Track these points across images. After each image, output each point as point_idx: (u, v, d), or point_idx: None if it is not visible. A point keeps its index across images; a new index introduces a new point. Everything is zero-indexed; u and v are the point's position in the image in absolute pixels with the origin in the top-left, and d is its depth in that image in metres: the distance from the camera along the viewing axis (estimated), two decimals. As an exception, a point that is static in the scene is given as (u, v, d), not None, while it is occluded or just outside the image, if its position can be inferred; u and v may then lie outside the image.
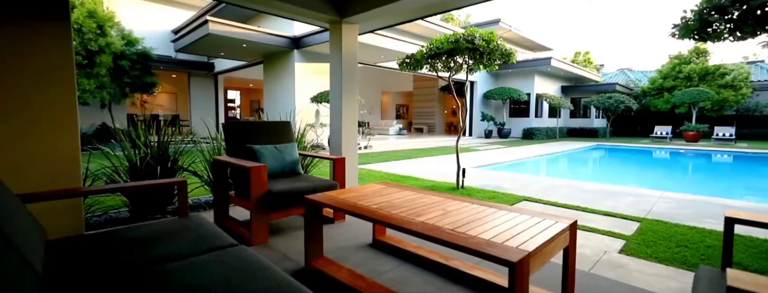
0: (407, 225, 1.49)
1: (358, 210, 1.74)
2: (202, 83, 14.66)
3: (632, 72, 23.39)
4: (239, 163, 2.54)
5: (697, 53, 17.14)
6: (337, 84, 3.99)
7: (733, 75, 15.93)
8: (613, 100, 15.95)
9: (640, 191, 4.56)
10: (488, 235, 1.36)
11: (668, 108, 16.95)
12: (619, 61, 55.99)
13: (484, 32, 4.21)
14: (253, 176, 2.40)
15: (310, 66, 10.24)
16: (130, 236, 1.58)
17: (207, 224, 1.75)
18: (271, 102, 11.01)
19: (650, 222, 3.25)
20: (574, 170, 8.78)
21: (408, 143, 12.13)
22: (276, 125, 3.25)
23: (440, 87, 18.88)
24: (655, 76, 18.32)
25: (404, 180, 5.38)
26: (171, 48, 11.87)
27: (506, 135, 15.85)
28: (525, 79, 16.27)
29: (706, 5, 2.74)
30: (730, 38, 3.02)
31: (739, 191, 6.17)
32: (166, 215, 3.12)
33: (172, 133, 3.48)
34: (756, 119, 17.00)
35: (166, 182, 1.89)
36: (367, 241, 2.56)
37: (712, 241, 2.75)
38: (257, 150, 2.86)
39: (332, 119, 4.07)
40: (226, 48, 9.98)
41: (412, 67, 5.00)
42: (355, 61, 4.07)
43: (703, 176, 8.18)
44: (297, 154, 3.15)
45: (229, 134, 2.98)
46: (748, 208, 3.77)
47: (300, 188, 2.64)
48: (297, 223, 3.00)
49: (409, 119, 22.40)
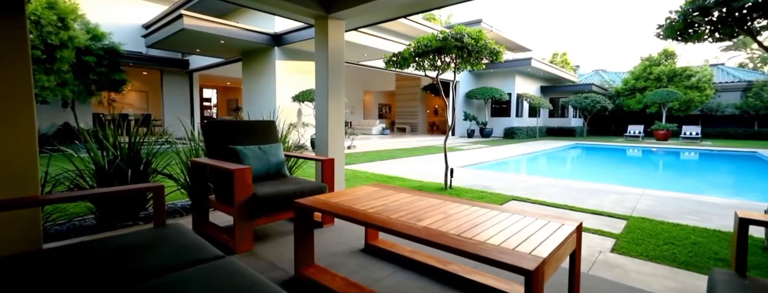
0: (409, 231, 1.39)
1: (354, 215, 1.62)
2: (176, 80, 14.04)
3: (606, 73, 24.31)
4: (221, 165, 2.36)
5: (665, 55, 17.99)
6: (322, 82, 3.84)
7: (698, 77, 16.82)
8: (589, 100, 16.49)
9: (623, 189, 4.67)
10: (496, 240, 1.28)
11: (640, 108, 17.70)
12: (594, 63, 58.23)
13: (472, 31, 4.17)
14: (236, 180, 2.23)
15: (292, 64, 9.97)
16: (99, 249, 1.40)
17: (187, 233, 1.59)
18: (251, 101, 10.66)
19: (636, 219, 3.30)
20: (557, 169, 8.97)
21: (391, 142, 12.06)
22: (260, 125, 3.08)
23: (423, 87, 18.93)
24: (628, 77, 19.09)
25: (391, 181, 5.29)
26: (142, 44, 11.27)
27: (488, 135, 16.07)
28: (506, 79, 16.56)
29: (690, 6, 2.79)
30: (710, 39, 3.10)
31: (711, 188, 6.46)
32: (138, 222, 2.89)
33: (144, 133, 3.24)
34: (718, 118, 18.04)
35: (140, 188, 1.71)
36: (358, 246, 2.45)
37: (696, 238, 2.81)
38: (240, 151, 2.69)
39: (318, 119, 3.92)
40: (203, 44, 9.56)
41: (399, 65, 4.91)
42: (341, 59, 3.93)
43: (677, 174, 8.55)
44: (282, 155, 3.00)
45: (209, 134, 2.79)
46: (721, 204, 3.91)
47: (287, 191, 2.50)
48: (283, 228, 2.84)
49: (391, 119, 22.36)
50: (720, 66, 21.58)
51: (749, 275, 1.09)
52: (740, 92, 18.07)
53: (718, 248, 2.59)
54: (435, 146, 11.62)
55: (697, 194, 4.41)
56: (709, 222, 3.25)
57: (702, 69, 17.25)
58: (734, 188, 6.55)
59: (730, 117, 17.81)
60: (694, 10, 2.78)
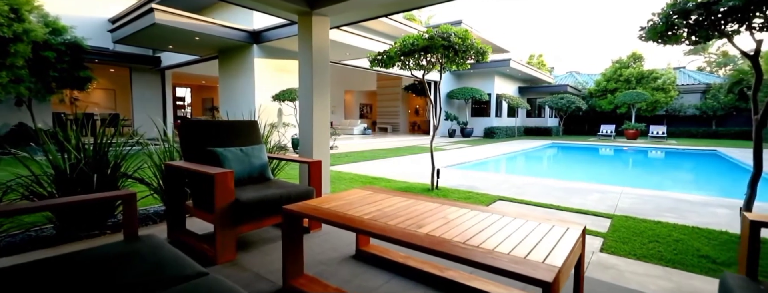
0: (411, 240, 1.30)
1: (350, 223, 1.51)
2: (147, 78, 13.33)
3: (580, 75, 25.25)
4: (200, 169, 2.19)
5: (634, 58, 18.87)
6: (307, 81, 3.70)
7: (663, 79, 17.75)
8: (565, 101, 17.03)
9: (603, 188, 4.78)
10: (505, 248, 1.21)
11: (611, 109, 18.49)
12: (568, 65, 60.62)
13: (458, 30, 4.14)
14: (217, 185, 2.07)
15: (272, 62, 9.67)
16: (60, 267, 1.22)
17: (163, 246, 1.43)
18: (228, 100, 10.26)
19: (620, 218, 3.36)
20: (538, 168, 9.17)
21: (374, 142, 11.96)
22: (241, 125, 2.90)
23: (404, 87, 18.94)
24: (600, 78, 19.90)
25: (376, 182, 5.19)
26: (108, 39, 10.60)
27: (469, 134, 16.27)
28: (485, 79, 16.83)
29: (672, 8, 2.86)
30: (686, 42, 3.19)
31: (682, 185, 6.77)
32: (105, 231, 2.65)
33: (112, 134, 2.99)
34: (681, 118, 19.12)
35: (107, 197, 1.53)
36: (349, 252, 2.34)
37: (678, 235, 2.88)
38: (220, 154, 2.51)
39: (302, 119, 3.77)
40: (176, 41, 9.10)
41: (384, 64, 4.82)
42: (326, 57, 3.80)
43: (650, 172, 8.93)
44: (266, 157, 2.84)
45: (186, 135, 2.59)
46: (695, 201, 4.07)
47: (272, 196, 2.35)
48: (268, 235, 2.69)
49: (373, 119, 22.26)
50: (681, 69, 22.89)
51: (762, 279, 1.07)
52: (700, 93, 19.23)
53: (699, 245, 2.66)
54: (418, 146, 11.62)
55: (673, 192, 4.58)
56: (686, 219, 3.36)
57: (666, 72, 18.23)
58: (702, 185, 6.90)
59: (691, 117, 18.91)
60: (675, 12, 2.84)
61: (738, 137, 16.80)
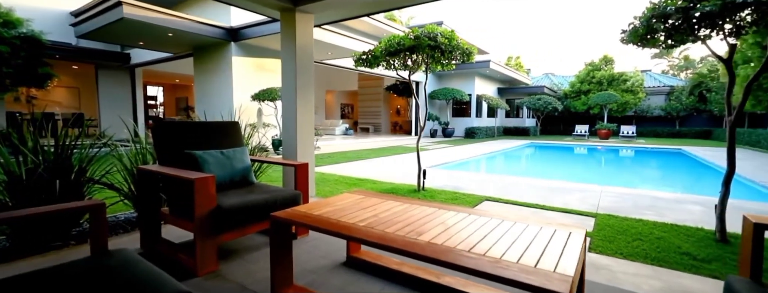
0: (412, 249, 1.23)
1: (345, 231, 1.42)
2: (115, 76, 12.60)
3: (555, 76, 26.10)
4: (178, 174, 2.03)
5: (605, 61, 19.68)
6: (290, 80, 3.56)
7: (632, 81, 18.62)
8: (542, 101, 17.52)
9: (583, 187, 4.90)
10: (512, 256, 1.16)
11: (585, 109, 19.21)
12: (544, 66, 62.76)
13: (444, 30, 4.12)
14: (198, 190, 1.92)
15: (251, 61, 9.36)
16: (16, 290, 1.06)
17: (137, 262, 1.29)
18: (205, 100, 9.85)
19: (603, 216, 3.43)
20: (519, 168, 9.35)
21: (356, 143, 11.84)
22: (221, 127, 2.74)
23: (386, 87, 18.91)
24: (574, 80, 20.63)
25: (362, 183, 5.10)
26: (71, 33, 9.93)
27: (450, 134, 16.44)
28: (466, 80, 17.06)
29: (652, 12, 2.93)
30: (663, 45, 3.29)
31: (654, 183, 7.08)
32: (69, 242, 2.42)
33: (77, 135, 2.75)
34: (649, 119, 20.13)
35: (72, 208, 1.36)
36: (339, 259, 2.24)
37: (659, 232, 2.96)
38: (200, 157, 2.35)
39: (285, 120, 3.63)
40: (147, 37, 8.63)
41: (369, 64, 4.73)
42: (310, 56, 3.68)
43: (624, 170, 9.29)
44: (249, 160, 2.69)
45: (161, 137, 2.41)
46: (670, 199, 4.24)
47: (257, 201, 2.22)
48: (252, 242, 2.54)
49: (354, 119, 22.10)
50: (648, 72, 24.11)
51: (766, 282, 1.08)
52: (665, 95, 20.31)
53: (679, 242, 2.74)
54: (401, 146, 11.61)
55: (649, 190, 4.76)
56: (664, 216, 3.48)
57: (635, 74, 19.14)
58: (673, 182, 7.24)
59: (657, 118, 19.94)
60: (655, 16, 2.92)
61: (699, 137, 17.85)
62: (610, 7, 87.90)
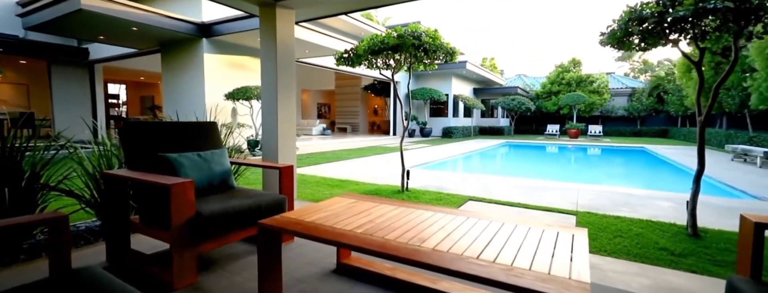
0: (419, 258, 1.16)
1: (343, 239, 1.34)
2: (71, 73, 11.66)
3: (527, 77, 27.01)
4: (151, 179, 1.85)
5: (574, 64, 20.58)
6: (270, 79, 3.39)
7: (598, 83, 19.60)
8: (516, 101, 18.05)
9: (561, 185, 5.04)
10: (523, 262, 1.12)
11: (555, 109, 20.00)
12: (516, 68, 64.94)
13: (428, 30, 4.09)
14: (175, 197, 1.76)
15: (224, 58, 8.96)
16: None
17: (108, 281, 1.14)
18: (174, 99, 9.33)
19: (584, 214, 3.53)
20: (499, 167, 9.54)
21: (334, 143, 11.66)
22: (198, 127, 2.55)
23: (364, 86, 18.79)
24: (545, 81, 21.43)
25: (344, 185, 4.99)
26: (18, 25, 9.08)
27: (428, 134, 16.58)
28: (443, 80, 17.27)
29: (630, 16, 3.04)
30: (637, 48, 3.42)
31: (623, 179, 7.43)
32: (18, 258, 2.16)
33: (28, 137, 2.47)
34: (613, 118, 21.27)
35: (27, 222, 1.19)
36: (328, 266, 2.14)
37: (637, 229, 3.08)
38: (175, 160, 2.17)
39: (265, 120, 3.46)
40: (108, 31, 8.04)
41: (351, 62, 4.64)
42: (292, 53, 3.53)
43: (595, 167, 9.70)
44: (228, 163, 2.52)
45: (131, 138, 2.20)
46: (642, 195, 4.44)
47: (240, 207, 2.07)
48: (233, 250, 2.39)
49: (331, 119, 21.82)
50: (612, 74, 25.47)
51: (765, 280, 1.10)
52: (627, 96, 21.54)
53: (656, 238, 2.85)
54: (380, 146, 11.55)
55: (622, 187, 4.96)
56: (639, 212, 3.62)
57: (600, 76, 20.15)
58: (641, 179, 7.63)
59: (621, 117, 21.10)
60: (632, 19, 3.03)
61: (657, 135, 19.06)
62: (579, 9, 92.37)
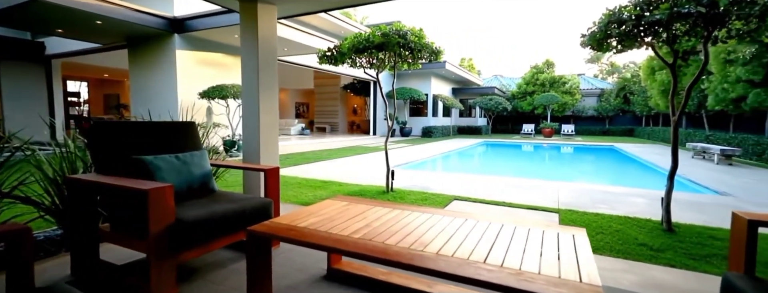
0: (425, 264, 1.11)
1: (341, 246, 1.27)
2: (24, 69, 10.75)
3: (503, 78, 27.73)
4: (125, 184, 1.70)
5: (547, 65, 21.32)
6: (251, 77, 3.25)
7: (570, 84, 20.40)
8: (493, 101, 18.46)
9: (541, 183, 5.17)
10: (531, 265, 1.10)
11: (530, 109, 20.64)
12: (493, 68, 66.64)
13: (413, 29, 4.07)
14: (153, 203, 1.62)
15: (198, 55, 8.57)
16: None
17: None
18: (143, 98, 8.82)
19: (566, 212, 3.62)
20: (479, 166, 9.69)
21: (314, 143, 11.46)
22: (175, 128, 2.39)
23: (343, 86, 18.61)
24: (521, 82, 22.06)
25: (327, 186, 4.88)
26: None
27: (408, 134, 16.64)
28: (423, 80, 17.38)
29: (609, 18, 3.13)
30: (614, 50, 3.55)
31: (599, 177, 7.74)
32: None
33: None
34: (584, 118, 22.21)
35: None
36: (318, 272, 2.06)
37: (616, 225, 3.18)
38: (150, 163, 2.01)
39: (246, 120, 3.31)
40: (67, 24, 7.48)
41: (334, 60, 4.54)
42: (274, 50, 3.40)
43: (570, 165, 10.06)
44: (209, 165, 2.38)
45: (101, 140, 2.02)
46: (618, 192, 4.62)
47: (223, 212, 1.95)
48: (215, 258, 2.25)
49: (310, 118, 21.47)
50: (582, 75, 26.61)
51: (760, 275, 1.14)
52: (597, 97, 22.56)
53: (635, 234, 2.96)
54: (361, 146, 11.46)
55: (599, 185, 5.15)
56: (616, 209, 3.76)
57: (572, 77, 20.99)
58: (613, 176, 7.98)
59: (591, 117, 22.08)
60: (612, 21, 3.13)
61: (624, 134, 20.08)
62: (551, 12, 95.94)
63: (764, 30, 2.86)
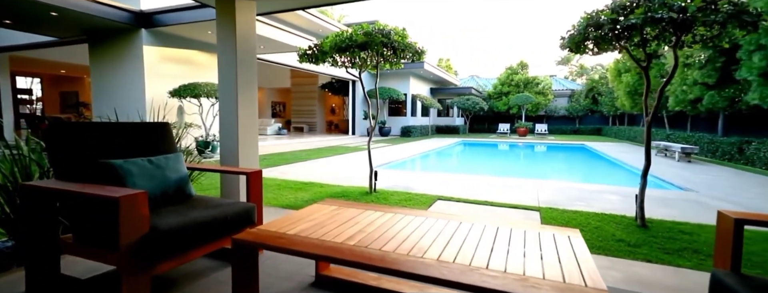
0: (427, 272, 1.07)
1: (337, 255, 1.20)
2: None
3: (480, 78, 28.35)
4: (93, 192, 1.55)
5: (521, 66, 21.98)
6: (229, 76, 3.10)
7: (543, 85, 21.15)
8: (471, 101, 18.81)
9: (520, 182, 5.28)
10: (533, 270, 1.08)
11: (506, 109, 21.21)
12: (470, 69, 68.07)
13: (396, 28, 4.03)
14: (124, 211, 1.48)
15: (168, 52, 8.13)
16: None
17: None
18: (105, 96, 8.27)
19: (546, 210, 3.70)
20: (459, 165, 9.81)
21: (291, 143, 11.20)
22: (147, 129, 2.22)
23: (321, 85, 18.35)
24: (496, 82, 22.62)
25: (308, 188, 4.76)
26: None
27: (387, 133, 16.63)
28: (401, 80, 17.43)
29: (587, 21, 3.23)
30: (590, 53, 3.67)
31: (573, 174, 8.04)
32: None
33: None
34: (556, 118, 23.11)
35: None
36: (306, 279, 1.97)
37: (595, 222, 3.29)
38: (120, 167, 1.85)
39: (224, 121, 3.15)
40: (18, 15, 6.87)
41: (315, 59, 4.43)
42: (253, 47, 3.25)
43: (545, 164, 10.39)
44: (185, 169, 2.23)
45: (61, 142, 1.84)
46: (593, 190, 4.80)
47: (203, 219, 1.82)
48: (194, 268, 2.11)
49: (287, 118, 21.01)
50: (554, 76, 27.67)
51: (744, 272, 1.18)
52: (567, 97, 23.53)
53: (612, 230, 3.06)
54: (340, 146, 11.32)
55: (574, 182, 5.33)
56: (592, 206, 3.89)
57: (544, 78, 21.78)
58: (586, 173, 8.32)
59: (562, 117, 23.00)
60: (590, 25, 3.22)
61: (593, 133, 21.07)
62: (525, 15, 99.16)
63: (725, 36, 3.04)
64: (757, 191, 5.01)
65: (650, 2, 2.91)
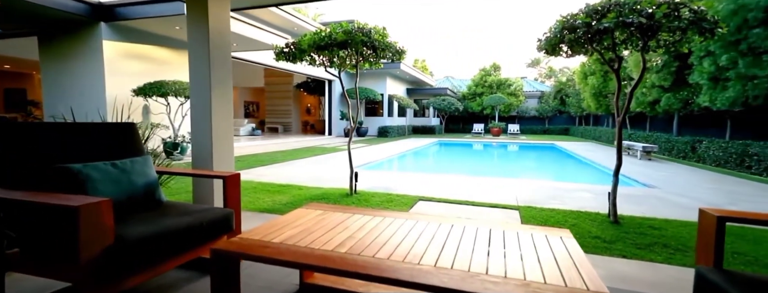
0: (428, 281, 1.03)
1: (329, 264, 1.13)
2: None
3: (454, 79, 28.87)
4: (47, 201, 1.37)
5: (494, 68, 22.60)
6: (202, 75, 2.92)
7: (514, 86, 21.85)
8: (446, 102, 19.09)
9: (498, 182, 5.38)
10: (534, 275, 1.06)
11: (479, 110, 21.71)
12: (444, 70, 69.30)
13: (376, 27, 3.97)
14: (84, 222, 1.33)
15: (131, 47, 7.62)
16: None
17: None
18: (58, 94, 7.63)
19: (525, 208, 3.78)
20: (437, 165, 9.88)
21: (266, 144, 10.87)
22: (109, 130, 2.03)
23: (296, 84, 17.97)
24: (470, 83, 23.12)
25: (287, 190, 4.61)
26: None
27: (364, 134, 16.54)
28: (378, 80, 17.41)
29: (562, 25, 3.32)
30: (564, 55, 3.78)
31: (546, 173, 8.31)
32: None
33: None
34: (527, 118, 23.95)
35: None
36: (289, 288, 1.87)
37: (572, 220, 3.38)
38: (79, 172, 1.67)
39: (196, 122, 2.97)
40: (-42, 3, 6.19)
41: (293, 57, 4.28)
42: (228, 44, 3.09)
43: (520, 163, 10.69)
44: (154, 173, 2.06)
45: (11, 145, 1.63)
46: (566, 188, 4.98)
47: (176, 227, 1.68)
48: (164, 282, 1.95)
49: (260, 118, 20.41)
50: (525, 78, 28.67)
51: (726, 267, 1.22)
52: (538, 98, 24.45)
53: (588, 227, 3.17)
54: (317, 147, 11.11)
55: (549, 181, 5.50)
56: (567, 204, 4.02)
57: (516, 80, 22.52)
58: (558, 172, 8.63)
59: (533, 117, 23.88)
60: (565, 28, 3.32)
61: (561, 133, 22.02)
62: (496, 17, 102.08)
63: (685, 42, 3.23)
64: (709, 187, 5.39)
65: (621, 8, 3.03)
